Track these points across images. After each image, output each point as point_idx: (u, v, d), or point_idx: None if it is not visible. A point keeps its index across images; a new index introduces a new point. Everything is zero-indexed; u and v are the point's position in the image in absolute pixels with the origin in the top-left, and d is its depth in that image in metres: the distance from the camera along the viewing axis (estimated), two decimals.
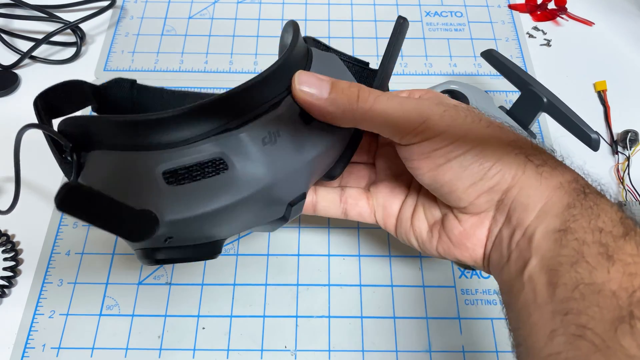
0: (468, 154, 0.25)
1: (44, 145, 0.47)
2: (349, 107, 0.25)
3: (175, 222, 0.23)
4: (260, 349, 0.37)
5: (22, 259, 0.41)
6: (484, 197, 0.26)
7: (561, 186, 0.25)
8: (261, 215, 0.26)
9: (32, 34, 0.52)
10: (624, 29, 0.55)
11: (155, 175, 0.22)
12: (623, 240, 0.22)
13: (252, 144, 0.23)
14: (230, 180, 0.23)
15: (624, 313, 0.20)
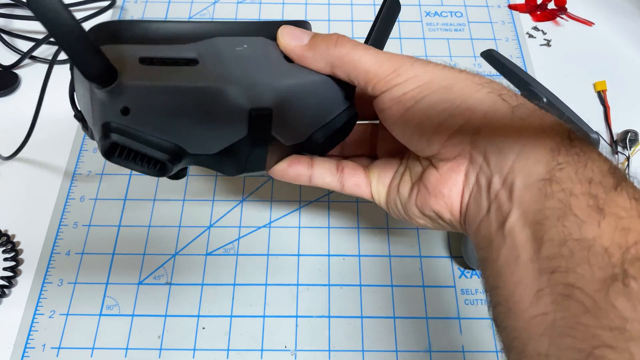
0: (436, 93, 0.25)
1: (44, 146, 0.47)
2: (326, 50, 0.26)
3: (131, 87, 0.23)
4: (260, 349, 0.37)
5: (22, 259, 0.41)
6: (456, 138, 0.24)
7: (542, 129, 0.22)
8: (221, 126, 0.26)
9: (32, 34, 0.52)
10: (624, 29, 0.55)
11: (135, 57, 0.24)
12: (614, 191, 0.20)
13: (224, 47, 0.25)
14: (196, 71, 0.24)
15: (616, 271, 0.18)
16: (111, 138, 0.24)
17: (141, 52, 0.24)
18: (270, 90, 0.25)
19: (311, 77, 0.26)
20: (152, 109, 0.24)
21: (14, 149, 0.43)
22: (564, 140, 0.22)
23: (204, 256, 0.41)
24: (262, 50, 0.25)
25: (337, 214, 0.43)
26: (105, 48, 0.23)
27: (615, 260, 0.19)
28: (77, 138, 0.46)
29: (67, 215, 0.42)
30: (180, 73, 0.24)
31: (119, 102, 0.23)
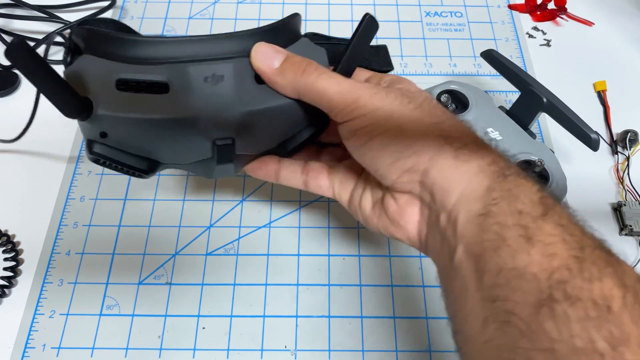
0: (387, 134, 0.26)
1: (45, 146, 0.47)
2: (293, 78, 0.27)
3: (106, 117, 0.26)
4: (261, 349, 0.37)
5: (22, 259, 0.41)
6: (406, 177, 0.27)
7: (480, 169, 0.25)
8: (188, 147, 0.29)
9: (33, 34, 0.53)
10: (624, 29, 0.55)
11: (112, 79, 0.26)
12: (542, 220, 0.22)
13: (194, 77, 0.26)
14: (165, 101, 0.26)
15: (544, 295, 0.20)
16: (93, 153, 0.28)
17: (119, 72, 0.26)
18: (236, 117, 0.27)
19: (278, 102, 0.28)
20: (127, 134, 0.27)
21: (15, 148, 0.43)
22: (498, 177, 0.24)
23: (204, 256, 0.41)
24: (233, 75, 0.27)
25: (337, 214, 0.43)
26: (89, 58, 0.26)
27: (543, 286, 0.20)
28: (77, 138, 0.46)
29: (67, 215, 0.42)
30: (152, 102, 0.26)
31: (96, 128, 0.27)
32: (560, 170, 0.40)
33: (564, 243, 0.21)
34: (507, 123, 0.42)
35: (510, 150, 0.38)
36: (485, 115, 0.43)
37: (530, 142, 0.41)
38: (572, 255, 0.21)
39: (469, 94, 0.43)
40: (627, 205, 0.42)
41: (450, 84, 0.44)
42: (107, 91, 0.26)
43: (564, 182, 0.40)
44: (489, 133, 0.41)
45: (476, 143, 0.26)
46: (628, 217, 0.41)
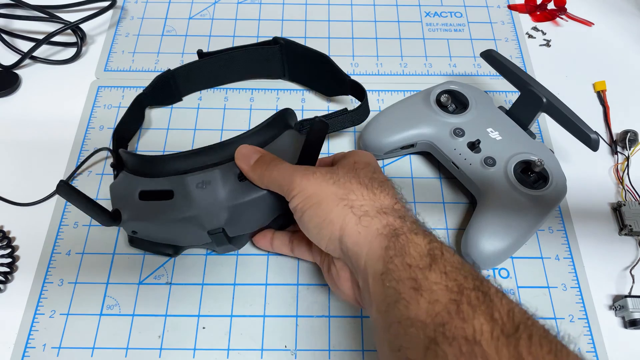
0: (312, 208, 0.31)
1: (45, 146, 0.47)
2: (260, 173, 0.33)
3: (131, 222, 0.36)
4: (261, 349, 0.37)
5: (18, 256, 0.41)
6: (331, 245, 0.31)
7: (378, 232, 0.28)
8: (193, 236, 0.37)
9: (33, 34, 0.53)
10: (624, 29, 0.55)
11: (136, 192, 0.36)
12: (429, 270, 0.26)
13: (189, 185, 0.34)
14: (171, 206, 0.35)
15: (429, 339, 0.23)
16: (132, 245, 0.40)
17: (140, 185, 0.36)
18: (224, 210, 0.34)
19: (258, 193, 0.34)
20: (149, 231, 0.38)
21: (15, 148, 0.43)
22: (392, 237, 0.28)
23: (204, 256, 0.41)
24: (219, 179, 0.34)
25: None
26: (125, 174, 0.37)
27: (429, 330, 0.24)
28: (77, 139, 0.47)
29: (68, 215, 0.42)
30: (162, 207, 0.35)
31: (128, 228, 0.38)
32: (560, 170, 0.40)
33: (446, 289, 0.25)
34: (507, 123, 0.42)
35: (511, 151, 0.40)
36: (485, 115, 0.43)
37: (530, 142, 0.41)
38: (451, 299, 0.24)
39: (469, 94, 0.43)
40: (627, 205, 0.42)
41: (450, 84, 0.44)
42: (131, 202, 0.36)
43: (564, 181, 0.40)
44: (489, 133, 0.41)
45: (377, 209, 0.30)
46: (627, 217, 0.42)
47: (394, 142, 0.43)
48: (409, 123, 0.43)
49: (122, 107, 0.48)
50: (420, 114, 0.43)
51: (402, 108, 0.44)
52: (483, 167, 0.40)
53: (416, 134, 0.42)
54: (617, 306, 0.38)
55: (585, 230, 0.42)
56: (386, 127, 0.43)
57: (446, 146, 0.41)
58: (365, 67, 0.52)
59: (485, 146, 0.41)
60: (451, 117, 0.42)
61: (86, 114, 0.48)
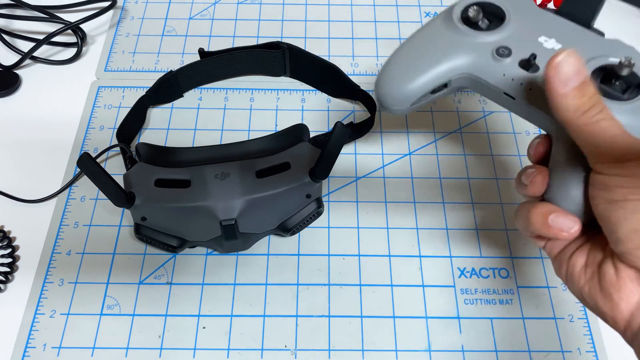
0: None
1: (45, 146, 0.47)
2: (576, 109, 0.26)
3: (144, 206, 0.36)
4: (261, 349, 0.37)
5: (18, 256, 0.41)
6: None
7: None
8: (203, 227, 0.37)
9: (33, 35, 0.53)
10: (623, 30, 0.55)
11: (152, 179, 0.37)
12: None
13: (208, 175, 0.36)
14: (187, 193, 0.36)
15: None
16: (138, 233, 0.38)
17: (159, 174, 0.37)
18: (239, 202, 0.35)
19: (273, 190, 0.36)
20: (160, 218, 0.37)
21: (16, 149, 0.43)
22: None
23: (204, 256, 0.41)
24: (238, 172, 0.36)
25: (337, 213, 0.43)
26: (142, 165, 0.38)
27: None
28: (78, 138, 0.47)
29: (68, 215, 0.42)
30: (177, 194, 0.36)
31: (139, 213, 0.37)
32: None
33: None
34: (563, 25, 0.32)
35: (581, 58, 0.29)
36: (531, 22, 0.32)
37: (602, 42, 0.31)
38: None
39: (501, 1, 0.34)
40: None
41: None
42: (146, 187, 0.36)
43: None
44: (544, 43, 0.31)
45: None
46: None
47: (421, 86, 0.33)
48: (435, 56, 0.33)
49: (122, 107, 0.48)
50: (447, 41, 0.33)
51: (420, 40, 0.34)
52: None
53: (448, 68, 0.32)
54: None
55: None
56: (407, 69, 0.33)
57: (491, 74, 0.31)
58: (365, 67, 0.52)
59: (544, 60, 0.29)
60: (487, 34, 0.32)
61: (86, 114, 0.48)
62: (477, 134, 0.47)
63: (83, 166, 0.32)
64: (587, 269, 0.27)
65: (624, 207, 0.24)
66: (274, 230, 0.40)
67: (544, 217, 0.27)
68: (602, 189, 0.25)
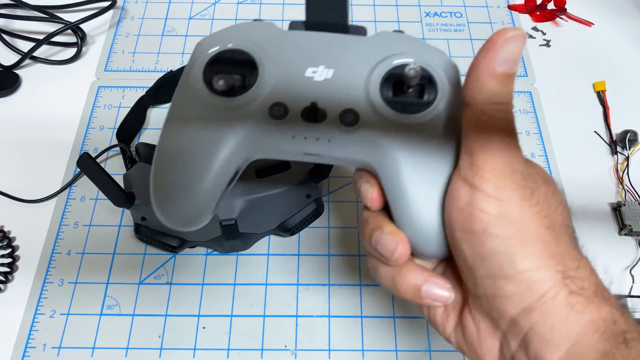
0: (507, 241, 0.21)
1: (45, 145, 0.47)
2: (497, 92, 0.22)
3: (144, 206, 0.36)
4: (261, 349, 0.37)
5: (18, 256, 0.41)
6: (498, 302, 0.21)
7: (596, 326, 0.20)
8: (204, 227, 0.32)
9: (33, 35, 0.53)
10: (624, 29, 0.55)
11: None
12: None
13: None
14: None
15: None
16: (138, 234, 0.38)
17: None
18: (239, 202, 0.35)
19: (273, 190, 0.36)
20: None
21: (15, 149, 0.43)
22: (619, 343, 0.20)
23: (204, 256, 0.41)
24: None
25: (337, 213, 0.43)
26: (142, 165, 0.37)
27: None
28: (78, 138, 0.47)
29: (68, 215, 0.42)
30: None
31: (138, 213, 0.37)
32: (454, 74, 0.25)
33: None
34: (321, 43, 0.27)
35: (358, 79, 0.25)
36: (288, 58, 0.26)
37: (374, 43, 0.27)
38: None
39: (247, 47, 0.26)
40: (627, 205, 0.42)
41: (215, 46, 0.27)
42: (146, 187, 0.29)
43: (459, 98, 0.24)
44: (314, 78, 0.25)
45: (593, 286, 0.21)
46: (627, 217, 0.42)
47: (210, 195, 0.25)
48: (200, 152, 0.25)
49: (122, 107, 0.48)
50: (209, 129, 0.25)
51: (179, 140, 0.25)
52: (344, 130, 0.24)
53: (229, 161, 0.25)
54: None
55: (585, 230, 0.42)
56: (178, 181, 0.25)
57: (278, 141, 0.25)
58: None
59: (326, 103, 0.25)
60: (249, 96, 0.25)
61: (86, 114, 0.48)
62: None
63: (83, 166, 0.32)
64: (449, 315, 0.25)
65: (482, 243, 0.21)
66: (274, 230, 0.40)
67: (416, 290, 0.24)
68: (464, 211, 0.22)
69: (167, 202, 0.26)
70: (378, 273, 0.26)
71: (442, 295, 0.24)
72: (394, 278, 0.25)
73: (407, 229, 0.24)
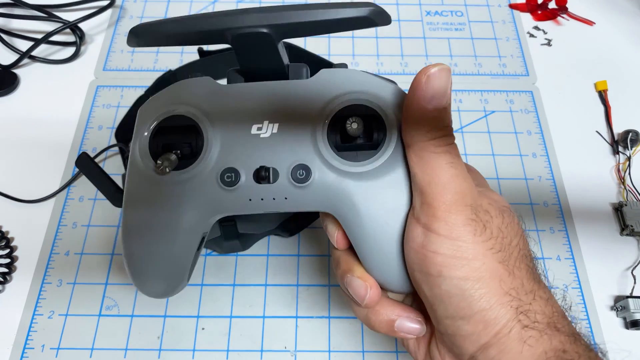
0: (462, 282, 0.21)
1: (44, 145, 0.47)
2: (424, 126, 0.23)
3: None
4: (260, 350, 0.37)
5: (16, 256, 0.41)
6: (458, 340, 0.22)
7: (546, 357, 0.21)
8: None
9: (32, 34, 0.52)
10: (625, 28, 0.55)
11: None
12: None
13: None
14: None
15: None
16: None
17: None
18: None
19: None
20: None
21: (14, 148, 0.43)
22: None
23: (203, 256, 0.41)
24: None
25: None
26: None
27: None
28: (76, 138, 0.46)
29: (66, 216, 0.42)
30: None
31: None
32: (397, 95, 0.25)
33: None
34: (262, 97, 0.26)
35: (303, 130, 0.25)
36: (230, 118, 0.26)
37: (317, 84, 0.26)
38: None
39: (182, 107, 0.26)
40: (628, 206, 0.42)
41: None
42: None
43: (396, 114, 0.25)
44: (260, 135, 0.25)
45: (546, 319, 0.22)
46: (629, 217, 0.41)
47: (182, 264, 0.26)
48: (162, 230, 0.26)
49: (121, 106, 0.48)
50: (157, 204, 0.25)
51: (132, 216, 0.26)
52: (298, 187, 0.25)
53: (186, 233, 0.26)
54: (619, 307, 0.38)
55: (587, 230, 0.42)
56: (149, 258, 0.26)
57: (236, 206, 0.25)
58: (365, 66, 0.52)
59: (274, 159, 0.25)
60: (197, 168, 0.25)
61: (85, 114, 0.48)
62: (478, 134, 0.47)
63: (81, 166, 0.32)
64: (420, 345, 0.26)
65: (439, 285, 0.22)
66: (274, 230, 0.40)
67: (389, 325, 0.25)
68: (419, 252, 0.22)
69: (142, 278, 0.27)
70: (354, 310, 0.27)
71: (415, 329, 0.25)
72: (367, 315, 0.26)
73: (372, 270, 0.25)
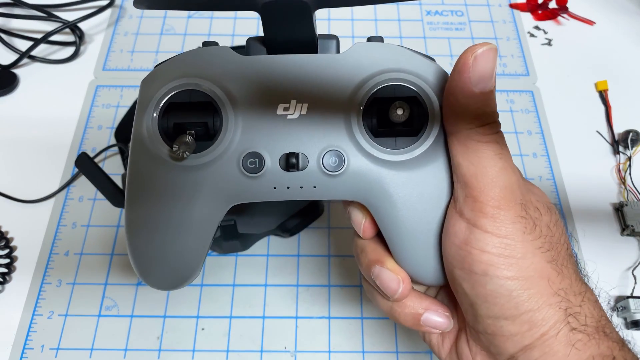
0: (510, 282, 0.20)
1: (44, 145, 0.47)
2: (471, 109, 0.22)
3: None
4: (260, 350, 0.37)
5: (16, 256, 0.40)
6: (498, 340, 0.21)
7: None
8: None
9: (31, 34, 0.52)
10: (625, 28, 0.55)
11: None
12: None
13: None
14: None
15: None
16: None
17: None
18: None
19: None
20: None
21: (13, 148, 0.43)
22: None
23: None
24: None
25: (337, 214, 0.43)
26: None
27: None
28: (76, 138, 0.46)
29: (66, 216, 0.42)
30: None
31: None
32: (440, 75, 0.24)
33: None
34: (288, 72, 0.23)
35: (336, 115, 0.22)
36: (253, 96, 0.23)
37: (345, 60, 0.25)
38: None
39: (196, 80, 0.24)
40: (629, 206, 0.42)
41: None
42: None
43: (436, 101, 0.23)
44: (288, 117, 0.23)
45: (595, 322, 0.21)
46: (630, 217, 0.41)
47: (197, 255, 0.24)
48: (176, 221, 0.23)
49: (120, 106, 0.48)
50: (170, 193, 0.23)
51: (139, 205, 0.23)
52: (329, 175, 0.23)
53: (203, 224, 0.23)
54: (619, 307, 0.38)
55: (587, 230, 0.42)
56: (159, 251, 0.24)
57: (259, 193, 0.23)
58: None
59: (303, 144, 0.23)
60: (214, 149, 0.22)
61: (84, 114, 0.48)
62: None
63: (81, 166, 0.31)
64: (445, 340, 0.25)
65: (484, 284, 0.20)
66: (274, 230, 0.40)
67: (415, 319, 0.24)
68: (462, 249, 0.21)
69: (150, 272, 0.24)
70: (376, 301, 0.25)
71: (442, 323, 0.24)
72: (392, 307, 0.25)
73: (405, 263, 0.24)
